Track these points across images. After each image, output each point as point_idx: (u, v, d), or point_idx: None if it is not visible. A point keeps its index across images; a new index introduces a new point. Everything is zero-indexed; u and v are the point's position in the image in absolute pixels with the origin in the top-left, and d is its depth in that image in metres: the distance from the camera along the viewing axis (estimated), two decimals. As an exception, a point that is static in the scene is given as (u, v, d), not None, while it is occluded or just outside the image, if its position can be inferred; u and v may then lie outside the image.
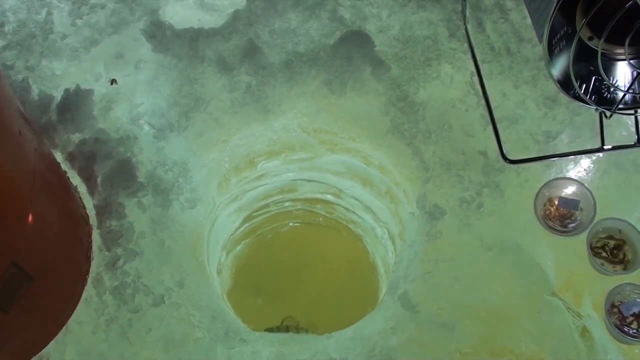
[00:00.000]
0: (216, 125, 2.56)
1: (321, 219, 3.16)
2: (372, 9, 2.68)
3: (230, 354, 2.25)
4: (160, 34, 2.68)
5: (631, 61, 1.84)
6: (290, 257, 3.07)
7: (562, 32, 1.85)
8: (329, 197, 3.04)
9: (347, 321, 2.44)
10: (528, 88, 2.51)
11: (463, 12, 2.59)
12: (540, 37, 1.86)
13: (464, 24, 2.59)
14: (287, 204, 3.09)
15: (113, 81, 2.61)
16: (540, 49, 1.82)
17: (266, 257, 3.00)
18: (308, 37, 2.66)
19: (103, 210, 2.40)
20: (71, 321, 2.26)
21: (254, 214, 3.03)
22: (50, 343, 2.23)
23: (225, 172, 2.65)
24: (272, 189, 2.96)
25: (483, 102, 2.46)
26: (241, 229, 3.04)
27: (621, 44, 1.74)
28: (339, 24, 2.67)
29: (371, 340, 2.24)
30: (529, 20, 2.07)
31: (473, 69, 2.51)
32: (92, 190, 2.43)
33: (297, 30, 2.68)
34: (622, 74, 1.95)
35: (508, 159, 2.37)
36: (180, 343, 2.25)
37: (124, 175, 2.44)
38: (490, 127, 2.42)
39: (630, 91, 1.94)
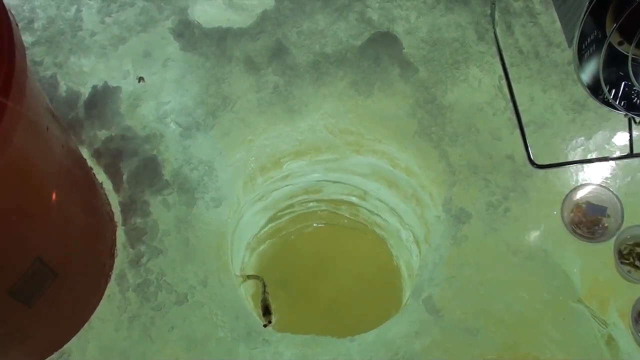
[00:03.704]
0: (243, 125, 2.56)
1: (346, 220, 3.15)
2: (401, 11, 2.67)
3: (252, 354, 2.25)
4: (188, 33, 2.69)
5: None
6: (313, 258, 3.06)
7: (592, 37, 1.83)
8: (354, 199, 3.04)
9: (369, 324, 2.42)
10: (556, 92, 2.49)
11: (492, 15, 2.57)
12: (569, 42, 1.85)
13: (493, 27, 2.57)
14: (311, 204, 3.09)
15: (140, 79, 2.62)
16: (569, 53, 1.81)
17: (290, 257, 3.00)
18: (336, 38, 2.66)
19: (128, 208, 2.41)
20: (93, 317, 2.27)
21: (279, 213, 3.04)
22: (72, 339, 2.24)
23: (250, 171, 2.65)
24: (297, 190, 2.96)
25: (511, 105, 2.44)
26: (266, 228, 3.05)
27: None
28: (367, 25, 2.67)
29: (394, 344, 2.23)
30: (558, 25, 2.05)
31: (501, 72, 2.49)
32: (117, 187, 2.45)
33: (325, 31, 2.68)
34: None
35: (535, 164, 2.35)
36: (203, 342, 2.25)
37: (150, 172, 2.45)
38: (518, 131, 2.40)
39: (660, 97, 1.92)
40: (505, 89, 2.47)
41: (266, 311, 2.74)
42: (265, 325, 2.48)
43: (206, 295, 2.32)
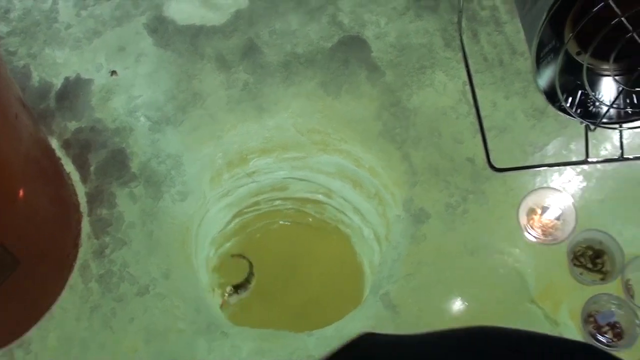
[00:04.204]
0: (212, 121, 2.60)
1: (311, 218, 3.19)
2: (371, 15, 2.71)
3: (211, 346, 2.29)
4: (162, 29, 2.73)
5: (616, 77, 1.87)
6: (278, 256, 3.09)
7: (550, 46, 1.86)
8: (320, 197, 3.08)
9: (331, 320, 2.47)
10: (518, 99, 2.55)
11: (459, 22, 2.62)
12: (531, 49, 1.89)
13: (459, 34, 2.62)
14: (277, 202, 3.12)
15: (113, 72, 2.66)
16: (530, 60, 1.86)
17: (255, 254, 3.02)
18: (307, 40, 2.70)
19: (94, 199, 2.44)
20: (55, 307, 2.30)
21: (245, 210, 3.07)
22: (33, 328, 2.27)
23: (218, 167, 2.69)
24: (263, 187, 3.00)
25: (474, 110, 2.49)
26: (231, 225, 3.07)
27: (607, 59, 1.76)
28: (338, 28, 2.71)
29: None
30: (522, 34, 2.10)
31: (466, 78, 2.54)
32: (84, 178, 2.48)
33: (297, 32, 2.72)
34: (608, 88, 1.96)
35: (495, 167, 2.40)
36: (163, 334, 2.29)
37: (118, 165, 2.48)
38: (479, 136, 2.45)
39: (614, 106, 1.96)
40: (469, 95, 2.51)
41: (239, 287, 2.78)
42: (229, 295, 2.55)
43: (168, 288, 2.35)
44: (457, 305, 2.32)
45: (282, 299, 3.04)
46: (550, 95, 1.95)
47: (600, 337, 2.24)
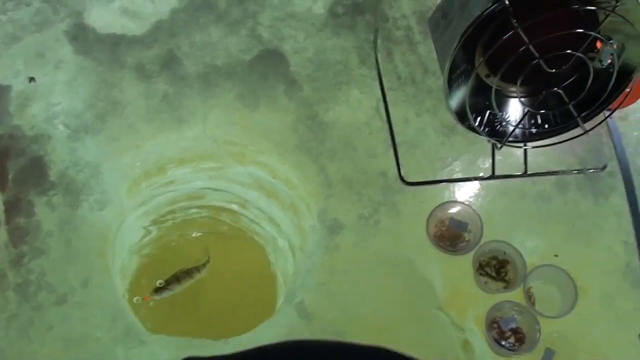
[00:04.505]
0: (131, 131, 2.61)
1: (226, 227, 3.22)
2: (290, 30, 2.77)
3: (128, 354, 2.30)
4: (82, 37, 2.71)
5: (522, 99, 1.99)
6: (194, 265, 3.08)
7: (462, 68, 1.95)
8: (235, 207, 3.11)
9: (246, 327, 2.50)
10: (429, 116, 2.65)
11: (375, 41, 2.71)
12: (443, 71, 1.97)
13: (375, 52, 2.71)
14: (193, 210, 3.14)
15: (31, 79, 2.63)
16: (442, 81, 1.94)
17: (170, 263, 3.02)
18: (226, 52, 2.74)
19: (12, 207, 2.41)
20: (-29, 316, 2.27)
21: (161, 219, 3.08)
22: (-52, 337, 2.23)
23: (136, 176, 2.69)
24: (180, 196, 3.01)
25: (386, 126, 2.59)
26: (148, 232, 3.08)
27: (515, 82, 1.86)
28: (257, 42, 2.76)
29: (266, 346, 2.33)
30: (434, 54, 2.20)
31: (380, 95, 2.64)
32: (2, 186, 2.44)
33: (217, 44, 2.75)
34: (514, 110, 2.10)
35: (405, 181, 2.50)
36: (81, 342, 2.29)
37: (36, 173, 2.46)
38: (392, 150, 2.55)
39: (519, 126, 2.08)
40: (383, 111, 2.61)
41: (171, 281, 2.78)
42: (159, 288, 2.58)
43: (86, 296, 2.35)
44: (369, 312, 2.40)
45: (196, 306, 3.05)
46: (460, 115, 2.05)
47: (503, 342, 2.36)
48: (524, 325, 2.41)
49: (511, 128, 2.10)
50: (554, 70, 1.80)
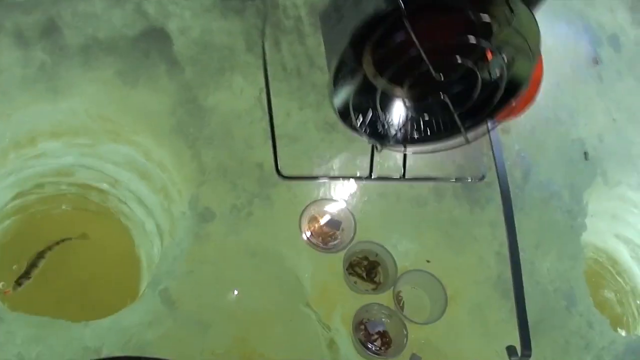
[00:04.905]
0: (3, 98, 2.44)
1: (94, 206, 3.11)
2: (176, 8, 2.67)
3: (-15, 332, 2.16)
4: (-46, -5, 2.52)
5: (407, 103, 1.97)
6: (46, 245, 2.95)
7: (349, 66, 1.91)
8: (105, 186, 3.01)
9: (107, 310, 2.41)
10: (311, 111, 2.64)
11: (262, 29, 2.66)
12: (330, 66, 1.92)
13: (262, 40, 2.66)
14: (62, 187, 3.01)
15: None
16: (328, 76, 1.90)
17: (33, 237, 2.88)
18: (110, 25, 2.60)
19: None
20: None
21: (28, 191, 2.93)
22: None
23: (4, 146, 2.53)
24: (49, 170, 2.87)
25: (267, 117, 2.54)
26: (11, 204, 2.92)
27: (402, 85, 1.84)
28: (142, 17, 2.64)
29: (128, 332, 2.25)
30: (323, 48, 2.16)
31: (263, 84, 2.57)
32: None
33: (101, 16, 2.60)
34: (398, 113, 2.08)
35: (281, 174, 2.46)
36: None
37: None
38: (270, 142, 2.51)
39: (401, 130, 2.08)
40: (265, 101, 2.55)
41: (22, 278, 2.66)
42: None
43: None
44: (235, 304, 2.36)
45: (56, 283, 2.92)
46: (343, 113, 2.01)
47: (369, 345, 2.37)
48: (391, 329, 2.44)
49: (393, 131, 2.08)
50: (442, 78, 1.79)
